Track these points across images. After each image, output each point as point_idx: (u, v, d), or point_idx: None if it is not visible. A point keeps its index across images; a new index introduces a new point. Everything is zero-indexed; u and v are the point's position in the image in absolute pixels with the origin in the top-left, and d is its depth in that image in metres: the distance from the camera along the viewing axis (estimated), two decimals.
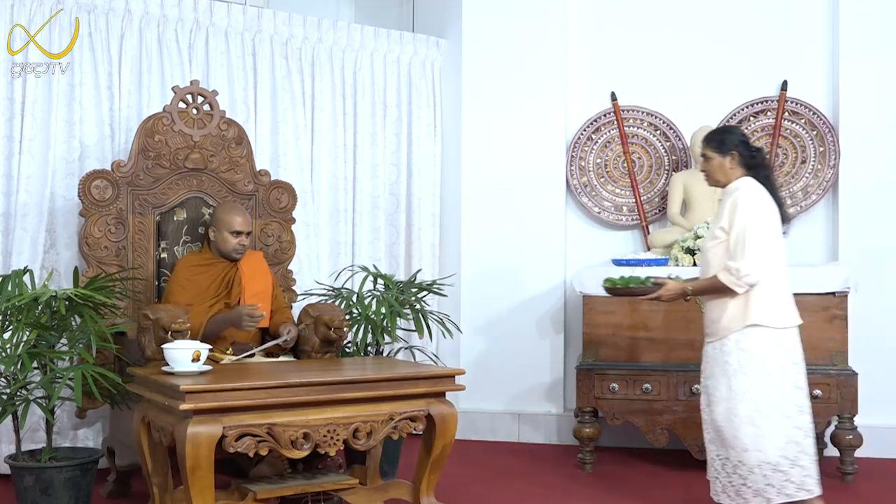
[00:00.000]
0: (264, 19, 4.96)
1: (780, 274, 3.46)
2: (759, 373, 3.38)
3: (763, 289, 3.40)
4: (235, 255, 3.96)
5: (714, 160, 3.55)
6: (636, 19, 5.41)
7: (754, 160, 3.53)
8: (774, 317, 3.41)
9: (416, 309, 4.40)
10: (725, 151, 3.52)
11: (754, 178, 3.51)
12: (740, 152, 3.51)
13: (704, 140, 3.61)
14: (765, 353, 3.38)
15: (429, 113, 5.59)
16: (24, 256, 4.20)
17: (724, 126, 3.62)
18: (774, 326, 3.40)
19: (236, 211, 3.98)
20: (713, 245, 3.50)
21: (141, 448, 3.32)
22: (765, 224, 3.41)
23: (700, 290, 3.54)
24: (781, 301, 3.45)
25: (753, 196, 3.44)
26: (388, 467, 4.17)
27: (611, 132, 5.39)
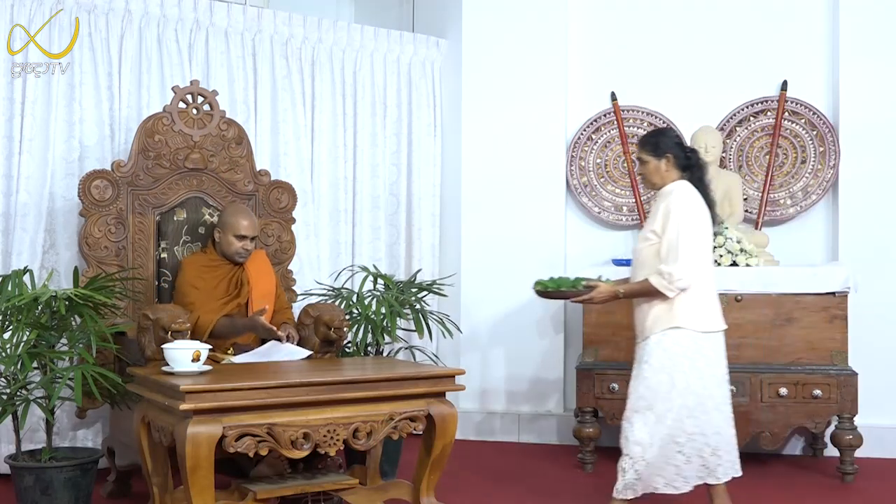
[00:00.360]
0: (264, 19, 4.96)
1: (707, 278, 3.49)
2: (678, 374, 3.42)
3: (689, 292, 3.43)
4: (238, 259, 3.95)
5: (650, 163, 3.57)
6: (636, 19, 5.41)
7: (689, 161, 3.57)
8: (698, 320, 3.45)
9: (416, 309, 4.40)
10: (661, 154, 3.55)
11: (689, 179, 3.54)
12: (675, 154, 3.55)
13: (639, 143, 3.65)
14: (684, 355, 3.42)
15: (429, 113, 5.59)
16: (24, 256, 4.20)
17: (658, 128, 3.66)
18: (697, 330, 3.44)
19: (243, 214, 3.97)
20: (645, 247, 3.53)
21: (141, 448, 3.32)
22: (697, 229, 3.44)
23: (631, 293, 3.56)
24: (706, 305, 3.49)
25: (687, 200, 3.46)
26: (388, 467, 4.17)
27: (611, 132, 5.39)
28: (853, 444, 4.37)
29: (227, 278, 3.94)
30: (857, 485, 4.35)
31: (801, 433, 4.92)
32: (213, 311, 3.79)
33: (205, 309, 3.77)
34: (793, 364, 4.41)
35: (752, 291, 4.45)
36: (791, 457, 4.94)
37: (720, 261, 4.54)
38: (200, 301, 3.80)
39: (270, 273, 4.08)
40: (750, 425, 4.40)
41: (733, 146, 5.23)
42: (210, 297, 3.83)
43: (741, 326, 4.45)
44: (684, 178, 3.56)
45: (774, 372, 4.40)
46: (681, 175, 3.56)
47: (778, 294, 4.44)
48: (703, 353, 3.46)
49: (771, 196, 5.15)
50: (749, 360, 4.44)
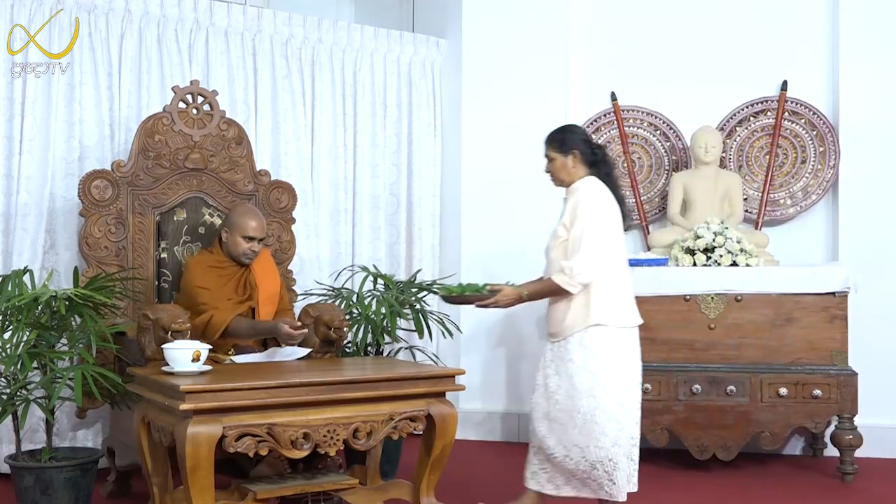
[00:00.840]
0: (264, 19, 4.96)
1: (621, 273, 3.48)
2: (602, 371, 3.39)
3: (604, 289, 3.41)
4: (245, 260, 3.91)
5: (556, 160, 3.57)
6: (636, 19, 5.41)
7: (595, 157, 3.55)
8: (616, 316, 3.43)
9: (416, 309, 4.40)
10: (567, 151, 3.54)
11: (597, 175, 3.53)
12: (581, 150, 3.53)
13: (546, 141, 3.62)
14: (608, 352, 3.40)
15: (429, 113, 5.59)
16: (24, 257, 4.20)
17: (565, 125, 3.64)
18: (616, 326, 3.42)
19: (251, 215, 3.92)
20: (554, 245, 3.52)
21: (141, 448, 3.31)
22: (604, 224, 3.42)
23: (535, 294, 3.54)
24: (622, 301, 3.47)
25: (594, 196, 3.45)
26: (388, 467, 4.17)
27: (611, 132, 5.39)
28: (853, 444, 4.37)
29: (234, 279, 3.91)
30: (857, 485, 4.35)
31: (801, 433, 4.92)
32: (226, 310, 3.75)
33: (218, 308, 3.73)
34: (793, 364, 4.41)
35: (752, 291, 4.44)
36: (791, 457, 4.94)
37: (720, 261, 4.55)
38: (213, 300, 3.75)
39: (275, 274, 4.07)
40: (750, 425, 4.40)
41: (733, 146, 5.23)
42: (220, 297, 3.79)
43: (741, 326, 4.45)
44: (592, 175, 3.54)
45: (774, 372, 4.40)
46: (588, 171, 3.54)
47: (778, 294, 4.44)
48: (626, 348, 3.44)
49: (771, 196, 5.15)
50: (749, 360, 4.44)
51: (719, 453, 4.42)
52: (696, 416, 4.43)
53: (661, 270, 4.58)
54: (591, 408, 3.39)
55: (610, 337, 3.41)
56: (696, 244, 4.63)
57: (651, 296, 4.50)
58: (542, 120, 5.39)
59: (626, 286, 3.50)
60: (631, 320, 3.49)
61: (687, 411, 4.44)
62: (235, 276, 3.92)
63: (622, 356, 3.43)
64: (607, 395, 3.39)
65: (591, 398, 3.39)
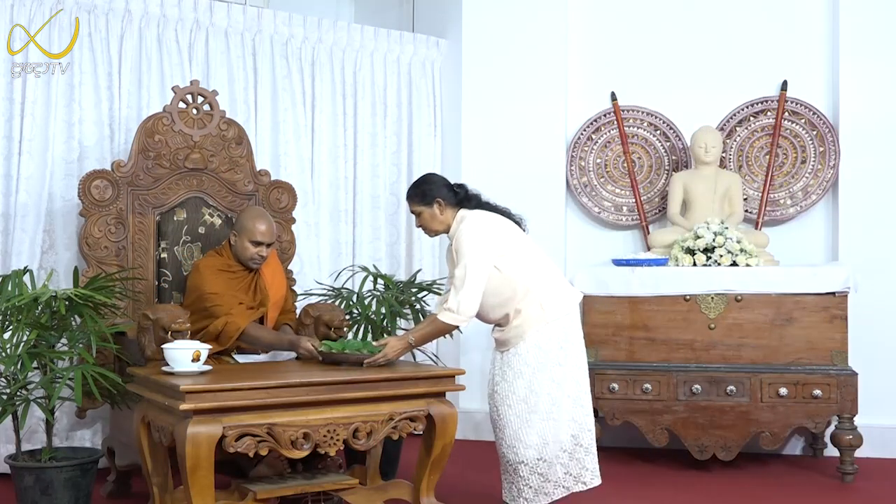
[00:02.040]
0: (264, 19, 4.96)
1: (537, 269, 3.48)
2: (553, 368, 3.41)
3: (533, 292, 3.42)
4: (253, 265, 3.84)
5: (423, 213, 3.58)
6: (636, 19, 5.41)
7: (459, 195, 3.59)
8: (559, 307, 3.44)
9: (416, 309, 4.40)
10: (430, 201, 3.55)
11: (468, 209, 3.56)
12: (443, 196, 3.56)
13: (407, 198, 3.64)
14: (553, 350, 3.42)
15: (429, 113, 5.59)
16: (24, 257, 4.19)
17: (420, 178, 3.71)
18: (556, 319, 3.43)
19: (260, 220, 3.83)
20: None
21: (141, 448, 3.32)
22: (486, 250, 3.41)
23: (423, 338, 3.56)
24: (554, 290, 3.46)
25: (469, 229, 3.45)
26: (388, 467, 4.17)
27: (611, 132, 5.39)
28: (853, 444, 4.37)
29: (245, 283, 3.84)
30: (857, 485, 4.35)
31: (801, 433, 4.92)
32: (240, 316, 3.67)
33: (231, 314, 3.65)
34: (793, 364, 4.41)
35: (752, 291, 4.45)
36: (791, 457, 4.94)
37: (720, 261, 4.55)
38: (226, 305, 3.67)
39: (283, 278, 4.05)
40: (750, 425, 4.40)
41: (733, 146, 5.23)
42: (232, 302, 3.71)
43: (741, 326, 4.45)
44: (464, 210, 3.57)
45: (774, 372, 4.40)
46: (457, 211, 3.57)
47: (778, 294, 4.44)
48: (572, 336, 3.47)
49: (771, 196, 5.15)
50: (749, 360, 4.44)
51: (719, 453, 4.42)
52: (696, 416, 4.43)
53: (661, 270, 4.58)
54: (546, 406, 3.41)
55: (554, 334, 3.44)
56: (696, 244, 4.63)
57: (651, 296, 4.51)
58: (542, 120, 5.42)
59: (550, 276, 3.50)
60: (570, 302, 3.49)
61: (687, 411, 4.44)
62: (246, 281, 3.85)
63: (572, 347, 3.45)
64: (559, 390, 3.42)
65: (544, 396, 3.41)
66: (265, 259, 3.87)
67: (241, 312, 3.70)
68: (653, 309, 4.51)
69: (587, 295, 4.58)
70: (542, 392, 3.41)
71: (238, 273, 3.84)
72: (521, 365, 3.44)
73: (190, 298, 3.80)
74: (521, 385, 3.43)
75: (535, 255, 3.55)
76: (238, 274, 3.84)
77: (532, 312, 3.42)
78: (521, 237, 3.58)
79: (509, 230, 3.55)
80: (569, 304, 3.51)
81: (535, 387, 3.41)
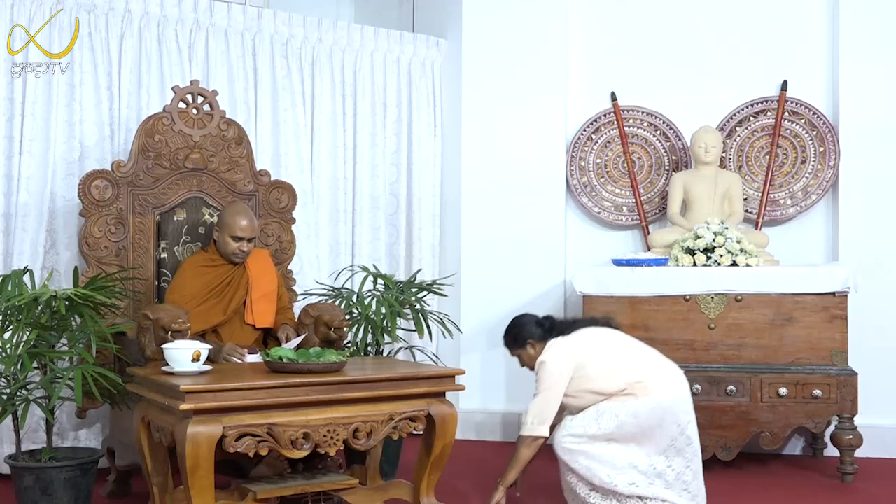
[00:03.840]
0: (264, 19, 4.96)
1: (632, 366, 3.60)
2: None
3: (628, 387, 3.53)
4: (235, 259, 3.91)
5: (522, 355, 3.80)
6: (636, 19, 5.41)
7: (545, 328, 3.76)
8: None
9: (416, 309, 4.40)
10: (523, 343, 3.77)
11: (560, 336, 3.71)
12: (533, 334, 3.75)
13: (505, 345, 3.87)
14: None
15: (429, 113, 5.59)
16: (25, 257, 4.20)
17: (511, 323, 3.89)
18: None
19: (241, 215, 3.90)
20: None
21: (141, 448, 3.32)
22: (559, 375, 3.57)
23: (513, 465, 3.68)
24: (647, 382, 3.55)
25: (546, 364, 3.61)
26: (388, 467, 4.17)
27: (611, 132, 5.39)
28: (853, 444, 4.37)
29: (224, 278, 3.91)
30: (857, 485, 4.35)
31: (801, 433, 4.92)
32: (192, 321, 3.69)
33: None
34: (793, 364, 4.41)
35: (752, 291, 4.44)
36: (791, 457, 4.94)
37: (720, 261, 4.55)
38: (184, 302, 3.73)
39: (272, 273, 4.07)
40: (750, 425, 4.40)
41: (733, 146, 5.23)
42: (197, 299, 3.78)
43: (741, 326, 4.45)
44: (553, 340, 3.71)
45: (774, 372, 4.40)
46: (546, 342, 3.72)
47: (778, 294, 4.44)
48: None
49: (771, 196, 5.15)
50: (749, 360, 4.44)
51: (719, 453, 4.42)
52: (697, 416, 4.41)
53: (661, 270, 4.58)
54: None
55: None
56: (696, 244, 4.63)
57: (651, 296, 4.51)
58: (542, 120, 5.42)
59: (651, 368, 3.63)
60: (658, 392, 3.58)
61: None
62: (226, 275, 3.91)
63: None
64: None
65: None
66: (247, 253, 3.93)
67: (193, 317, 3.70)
68: (653, 309, 4.51)
69: (587, 295, 4.59)
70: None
71: (221, 268, 3.92)
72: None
73: (168, 293, 3.87)
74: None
75: (624, 350, 3.68)
76: (221, 269, 3.91)
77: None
78: (605, 341, 3.71)
79: (588, 342, 3.68)
80: (665, 389, 3.57)
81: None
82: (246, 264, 3.97)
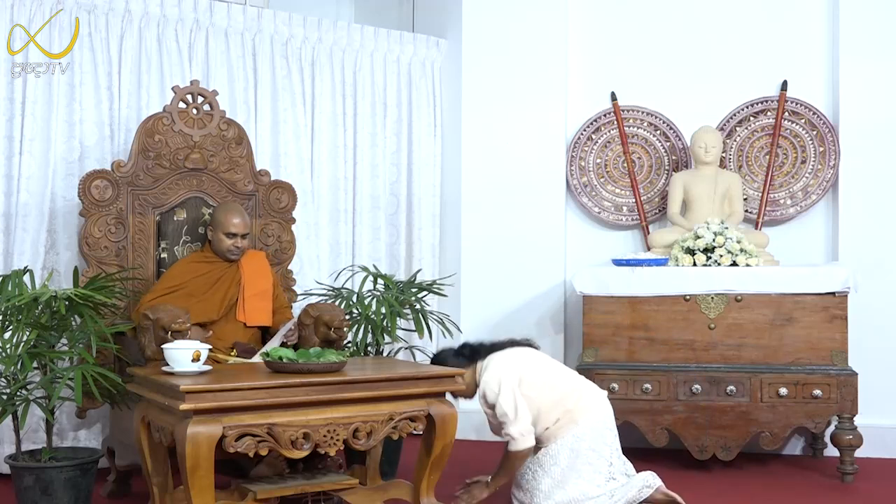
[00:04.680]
0: (264, 19, 4.96)
1: (560, 383, 3.75)
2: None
3: (559, 403, 3.68)
4: (230, 257, 3.96)
5: (457, 391, 3.71)
6: (636, 19, 5.41)
7: (464, 355, 3.81)
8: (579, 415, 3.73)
9: (416, 309, 4.40)
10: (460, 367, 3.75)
11: (483, 359, 3.77)
12: (456, 364, 3.74)
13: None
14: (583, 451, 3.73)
15: (429, 113, 5.59)
16: (25, 257, 4.20)
17: (431, 359, 3.96)
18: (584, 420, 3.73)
19: (233, 213, 3.97)
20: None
21: (141, 448, 3.32)
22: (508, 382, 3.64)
23: (505, 473, 3.71)
24: (576, 402, 3.71)
25: (490, 378, 3.67)
26: (388, 467, 4.17)
27: (611, 132, 5.39)
28: (853, 444, 4.37)
29: (216, 275, 3.93)
30: (857, 485, 4.35)
31: (801, 433, 4.92)
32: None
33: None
34: (793, 364, 4.41)
35: (752, 291, 4.44)
36: (791, 457, 4.94)
37: (720, 261, 4.55)
38: (165, 293, 3.79)
39: (267, 273, 4.07)
40: (750, 425, 4.40)
41: (733, 146, 5.23)
42: (182, 294, 3.81)
43: (741, 326, 4.45)
44: (479, 362, 3.78)
45: (774, 372, 4.40)
46: (474, 366, 3.79)
47: (778, 294, 4.44)
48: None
49: (771, 196, 5.15)
50: (749, 360, 4.44)
51: (719, 453, 4.42)
52: (696, 416, 4.43)
53: (661, 270, 4.58)
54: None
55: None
56: (696, 244, 4.63)
57: (651, 296, 4.51)
58: (542, 120, 5.42)
59: (566, 394, 3.74)
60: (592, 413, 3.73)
61: (687, 411, 4.44)
62: (218, 273, 3.94)
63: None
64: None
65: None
66: (241, 250, 3.97)
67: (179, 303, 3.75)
68: (653, 309, 4.51)
69: (587, 295, 4.59)
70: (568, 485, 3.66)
71: (215, 264, 3.96)
72: (551, 464, 3.67)
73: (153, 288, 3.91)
74: (546, 483, 3.67)
75: (551, 370, 3.81)
76: (215, 265, 3.96)
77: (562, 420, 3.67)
78: (533, 359, 3.81)
79: (521, 359, 3.78)
80: (593, 406, 3.72)
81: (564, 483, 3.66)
82: (240, 263, 3.99)
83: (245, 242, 3.99)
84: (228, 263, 3.98)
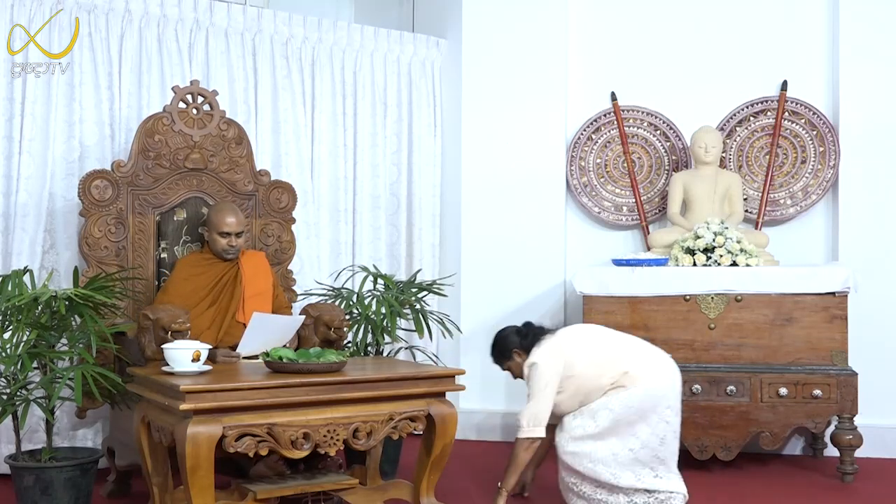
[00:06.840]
0: (264, 19, 4.96)
1: (618, 357, 3.71)
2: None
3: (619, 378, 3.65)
4: (227, 256, 3.94)
5: (512, 366, 3.91)
6: (636, 19, 5.41)
7: (524, 335, 3.86)
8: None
9: (416, 309, 4.40)
10: (510, 355, 3.88)
11: (537, 342, 3.79)
12: (516, 345, 3.85)
13: (494, 361, 4.00)
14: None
15: (429, 113, 5.59)
16: (24, 257, 4.19)
17: (494, 339, 4.01)
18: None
19: (227, 212, 3.95)
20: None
21: (141, 448, 3.32)
22: (551, 370, 3.67)
23: (513, 469, 3.71)
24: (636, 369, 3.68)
25: (537, 365, 3.69)
26: (388, 467, 4.17)
27: (611, 132, 5.39)
28: (853, 444, 4.37)
29: (218, 277, 3.92)
30: (857, 485, 4.35)
31: (801, 433, 4.92)
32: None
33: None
34: (793, 364, 4.41)
35: (752, 291, 4.44)
36: (791, 457, 4.94)
37: (720, 261, 4.55)
38: (181, 303, 3.75)
39: (267, 273, 4.07)
40: (750, 425, 4.40)
41: (733, 146, 5.23)
42: (194, 299, 3.80)
43: (741, 326, 4.45)
44: (532, 348, 3.79)
45: (774, 372, 4.40)
46: (531, 346, 3.81)
47: (778, 294, 4.44)
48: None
49: (771, 196, 5.15)
50: (749, 360, 4.44)
51: (719, 453, 4.42)
52: (696, 416, 4.43)
53: (661, 270, 4.58)
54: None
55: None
56: (696, 244, 4.63)
57: (651, 296, 4.51)
58: (542, 120, 5.42)
59: (636, 357, 3.73)
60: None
61: (687, 411, 4.42)
62: (220, 274, 3.93)
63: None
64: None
65: None
66: (238, 248, 3.95)
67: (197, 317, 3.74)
68: (653, 309, 4.51)
69: (587, 295, 4.59)
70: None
71: (215, 266, 3.95)
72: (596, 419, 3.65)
73: (160, 293, 3.90)
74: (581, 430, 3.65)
75: (609, 344, 3.81)
76: (215, 267, 3.95)
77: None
78: (590, 337, 3.85)
79: (574, 340, 3.79)
80: (653, 374, 3.68)
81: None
82: (240, 264, 3.98)
83: (241, 241, 3.96)
84: (228, 263, 3.97)
